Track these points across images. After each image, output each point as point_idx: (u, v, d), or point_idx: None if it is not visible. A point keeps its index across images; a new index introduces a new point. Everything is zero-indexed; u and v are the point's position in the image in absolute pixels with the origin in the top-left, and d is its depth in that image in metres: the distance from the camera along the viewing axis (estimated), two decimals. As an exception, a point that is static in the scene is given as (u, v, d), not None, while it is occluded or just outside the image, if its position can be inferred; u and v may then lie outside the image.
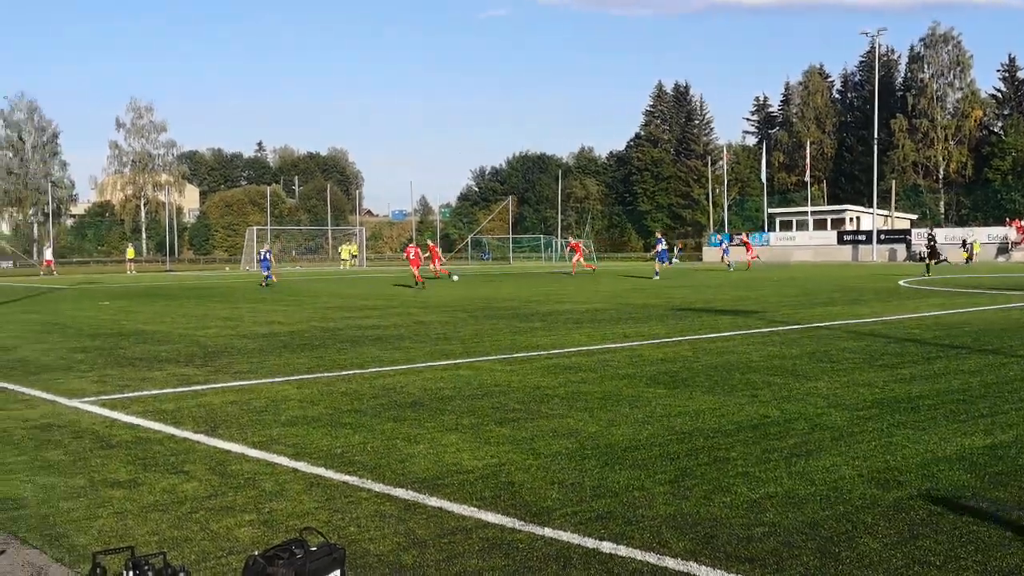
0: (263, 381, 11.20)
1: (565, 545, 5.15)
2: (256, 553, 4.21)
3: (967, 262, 59.41)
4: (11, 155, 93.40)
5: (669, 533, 5.29)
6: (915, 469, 6.59)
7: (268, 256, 43.25)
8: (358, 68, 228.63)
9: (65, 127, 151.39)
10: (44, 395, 10.43)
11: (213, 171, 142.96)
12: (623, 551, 5.03)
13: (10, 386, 11.12)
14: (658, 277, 38.78)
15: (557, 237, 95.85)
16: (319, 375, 11.64)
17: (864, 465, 6.73)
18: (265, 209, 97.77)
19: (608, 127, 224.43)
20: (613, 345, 14.43)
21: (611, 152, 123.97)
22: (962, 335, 15.03)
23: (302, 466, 7.01)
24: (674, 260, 51.26)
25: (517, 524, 5.53)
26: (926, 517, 5.48)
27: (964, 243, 62.99)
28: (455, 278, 42.71)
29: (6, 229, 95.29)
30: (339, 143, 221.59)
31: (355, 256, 72.84)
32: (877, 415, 8.54)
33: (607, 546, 5.11)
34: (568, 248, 58.82)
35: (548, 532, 5.37)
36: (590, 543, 5.16)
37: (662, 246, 44.71)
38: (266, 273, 41.32)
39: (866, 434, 7.76)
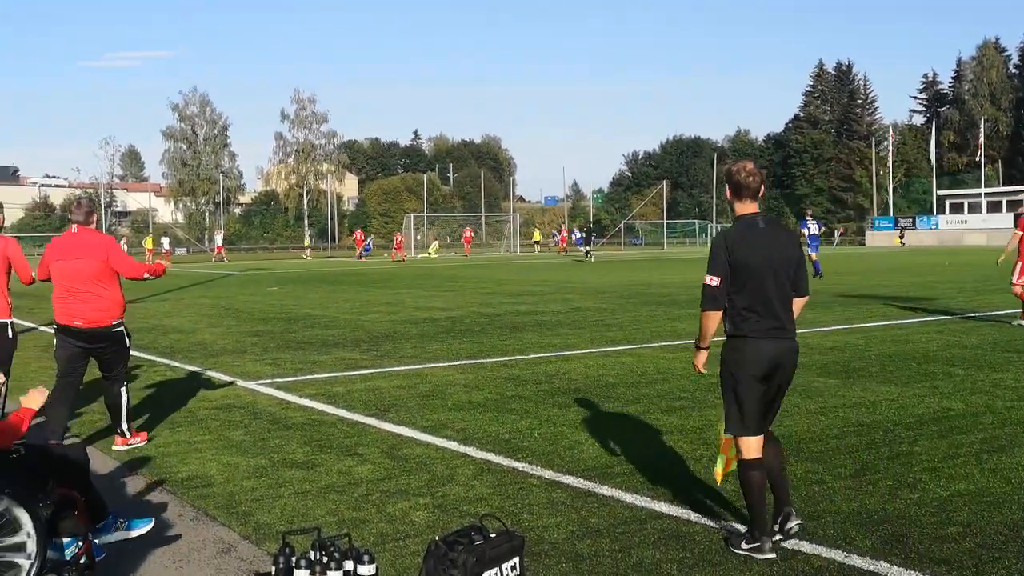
0: (428, 366, 11.39)
1: (744, 539, 5.00)
2: (437, 538, 4.24)
3: None
4: (185, 147, 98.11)
5: (854, 530, 5.08)
6: (1123, 469, 6.13)
7: (370, 242, 68.04)
8: (511, 55, 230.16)
9: (234, 120, 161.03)
10: (223, 376, 10.90)
11: (371, 160, 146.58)
12: (806, 547, 4.86)
13: (192, 367, 11.66)
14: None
15: (712, 221, 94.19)
16: (482, 360, 11.75)
17: (1065, 464, 6.30)
18: (421, 196, 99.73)
19: (765, 109, 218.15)
20: (778, 333, 13.98)
21: (768, 134, 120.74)
22: None
23: (471, 451, 7.07)
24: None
25: (692, 516, 5.42)
26: None
27: None
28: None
29: (180, 218, 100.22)
30: (492, 130, 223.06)
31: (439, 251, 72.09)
32: (1074, 410, 7.99)
33: (789, 541, 4.93)
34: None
35: (725, 525, 5.23)
36: (770, 538, 4.99)
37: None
38: (367, 253, 63.78)
39: (1064, 430, 7.27)
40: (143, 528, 4.96)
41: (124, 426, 7.56)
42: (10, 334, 7.45)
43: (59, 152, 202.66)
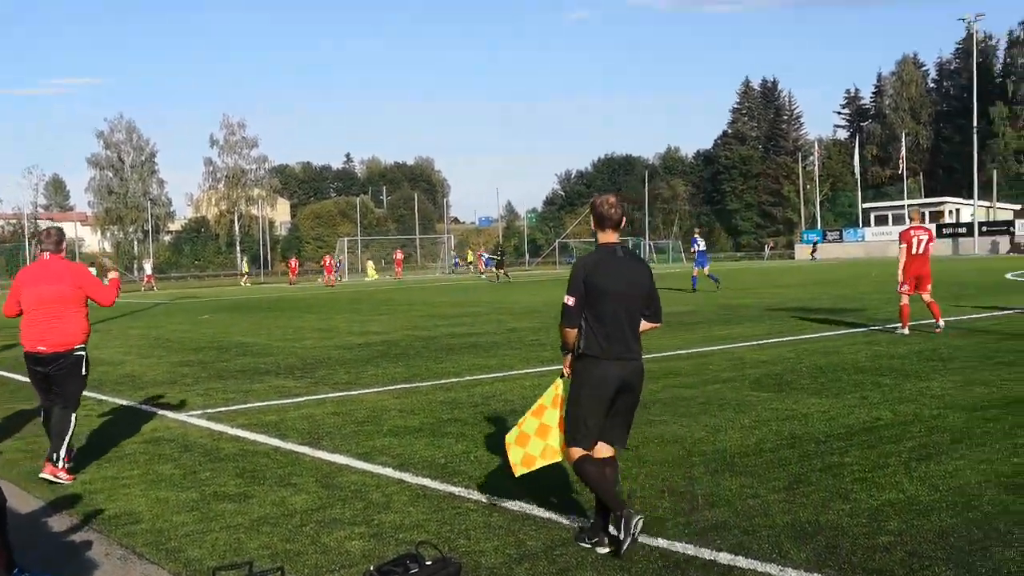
0: (362, 391, 11.27)
1: (681, 556, 5.02)
2: (372, 567, 4.18)
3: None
4: (111, 175, 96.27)
5: (789, 543, 5.12)
6: (1045, 473, 6.28)
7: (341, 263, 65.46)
8: (442, 77, 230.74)
9: (162, 146, 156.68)
10: (152, 409, 10.66)
11: (303, 184, 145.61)
12: (742, 562, 4.88)
13: (120, 400, 11.39)
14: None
15: (645, 239, 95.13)
16: (417, 384, 11.67)
17: (990, 469, 6.43)
18: (355, 220, 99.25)
19: (694, 126, 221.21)
20: (710, 348, 14.17)
21: (698, 151, 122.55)
22: (1080, 329, 14.37)
23: (407, 477, 7.00)
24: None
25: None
26: (1063, 524, 5.20)
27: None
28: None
29: (108, 247, 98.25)
30: (425, 152, 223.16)
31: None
32: (998, 416, 8.18)
33: (724, 557, 4.96)
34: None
35: (662, 543, 5.24)
36: (707, 554, 5.02)
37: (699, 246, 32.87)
38: (336, 275, 60.10)
39: (989, 436, 7.44)
40: None
41: (62, 453, 7.44)
42: None
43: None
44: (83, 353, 7.66)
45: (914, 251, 14.98)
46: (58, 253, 7.71)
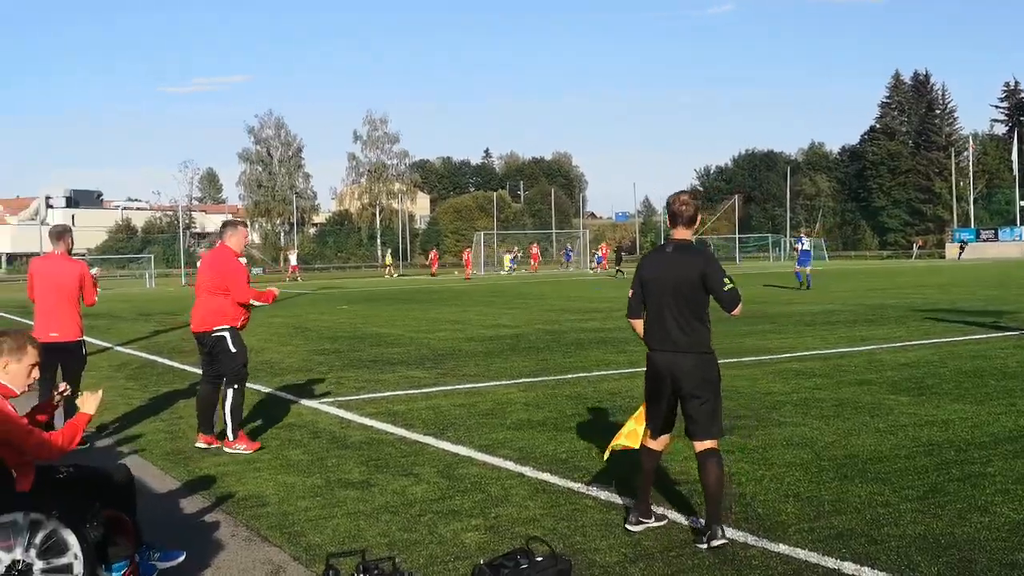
0: (489, 384, 11.34)
1: (803, 563, 4.85)
2: (482, 561, 4.18)
3: None
4: (260, 169, 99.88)
5: (919, 555, 4.88)
6: None
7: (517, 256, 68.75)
8: (581, 71, 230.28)
9: (308, 141, 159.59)
10: (287, 396, 10.98)
11: (443, 179, 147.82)
12: (868, 573, 4.68)
13: (257, 387, 11.76)
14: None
15: (786, 235, 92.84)
16: (544, 378, 11.66)
17: None
18: (492, 214, 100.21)
19: (840, 121, 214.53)
20: (848, 348, 13.68)
21: (843, 147, 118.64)
22: None
23: (527, 471, 6.98)
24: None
25: (750, 539, 5.26)
26: None
27: None
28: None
29: (256, 238, 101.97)
30: (563, 147, 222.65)
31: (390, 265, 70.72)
32: None
33: (849, 567, 4.77)
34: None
35: (783, 548, 5.07)
36: (830, 562, 4.83)
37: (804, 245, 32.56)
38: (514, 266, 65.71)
39: None
40: (174, 561, 4.97)
41: (229, 426, 7.98)
42: (83, 352, 8.53)
43: (140, 174, 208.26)
44: (224, 334, 8.09)
45: None
46: (226, 243, 8.30)
